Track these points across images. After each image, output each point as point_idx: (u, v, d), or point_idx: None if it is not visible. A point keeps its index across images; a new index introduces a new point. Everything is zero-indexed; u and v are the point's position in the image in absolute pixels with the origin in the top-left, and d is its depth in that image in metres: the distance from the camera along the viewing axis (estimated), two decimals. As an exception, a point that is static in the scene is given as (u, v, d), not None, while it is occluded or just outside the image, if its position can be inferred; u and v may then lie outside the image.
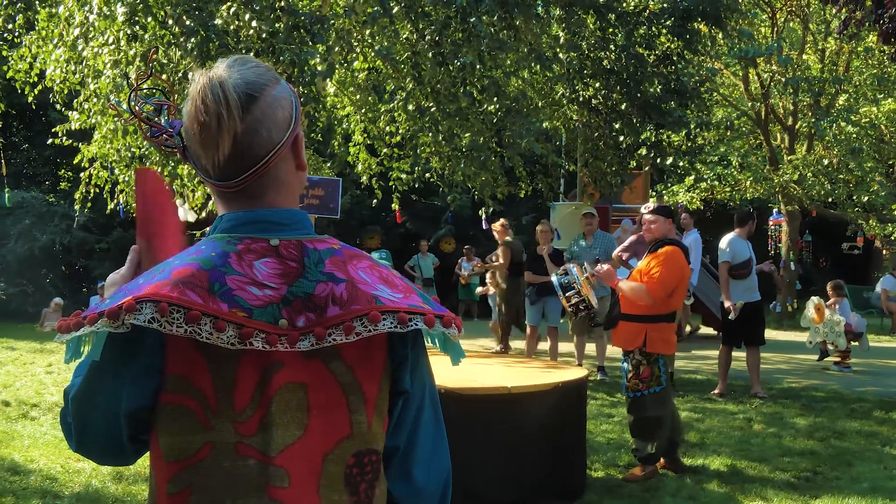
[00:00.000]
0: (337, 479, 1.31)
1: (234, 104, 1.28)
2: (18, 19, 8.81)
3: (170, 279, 1.25)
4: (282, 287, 1.29)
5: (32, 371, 9.58)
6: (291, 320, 1.27)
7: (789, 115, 17.90)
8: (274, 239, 1.32)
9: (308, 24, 6.91)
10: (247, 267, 1.28)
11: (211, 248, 1.30)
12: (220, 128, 1.28)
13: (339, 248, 1.36)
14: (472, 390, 4.81)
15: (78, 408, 1.33)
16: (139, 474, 5.30)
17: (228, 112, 1.28)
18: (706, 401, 8.38)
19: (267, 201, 1.35)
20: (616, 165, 10.52)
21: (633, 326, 5.46)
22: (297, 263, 1.31)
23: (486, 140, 9.19)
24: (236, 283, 1.27)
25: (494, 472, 4.74)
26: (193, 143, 1.32)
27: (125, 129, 7.72)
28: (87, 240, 17.34)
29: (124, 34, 6.98)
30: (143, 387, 1.27)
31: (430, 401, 1.43)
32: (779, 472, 5.79)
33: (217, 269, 1.27)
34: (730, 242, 8.72)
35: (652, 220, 5.63)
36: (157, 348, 1.25)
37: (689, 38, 9.79)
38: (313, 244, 1.34)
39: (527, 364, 6.45)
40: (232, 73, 1.31)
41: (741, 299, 8.55)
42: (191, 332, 1.22)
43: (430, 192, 15.35)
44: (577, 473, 5.26)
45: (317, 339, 1.27)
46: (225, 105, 1.28)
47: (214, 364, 1.25)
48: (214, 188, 1.35)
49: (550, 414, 5.03)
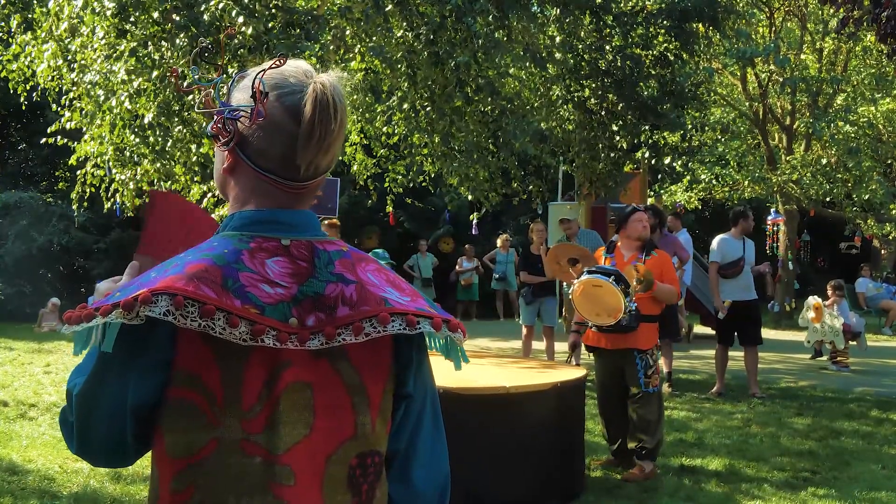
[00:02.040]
0: (340, 480, 1.32)
1: (343, 112, 1.32)
2: (15, 18, 8.79)
3: (184, 273, 1.25)
4: (292, 286, 1.29)
5: (30, 371, 9.57)
6: (301, 319, 1.28)
7: (787, 115, 17.92)
8: (285, 239, 1.33)
9: (303, 21, 6.91)
10: (259, 265, 1.29)
11: (223, 245, 1.31)
12: (328, 133, 1.31)
13: (347, 250, 1.38)
14: (471, 390, 4.81)
15: (82, 405, 1.32)
16: (137, 474, 5.29)
17: (340, 119, 1.32)
18: (704, 401, 8.39)
19: (308, 204, 1.39)
20: (611, 166, 10.53)
21: (651, 327, 5.65)
22: (307, 264, 1.32)
23: (483, 141, 9.19)
24: (249, 280, 1.27)
25: (492, 472, 4.74)
26: (283, 139, 1.32)
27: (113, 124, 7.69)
28: (86, 240, 17.30)
29: (113, 29, 6.96)
30: (150, 381, 1.27)
31: (430, 405, 1.44)
32: (776, 472, 5.80)
33: (230, 266, 1.27)
34: (719, 243, 8.80)
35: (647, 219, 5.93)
36: (168, 342, 1.25)
37: (686, 38, 9.80)
38: (323, 245, 1.35)
39: (524, 364, 6.45)
40: (332, 79, 1.34)
41: (731, 298, 8.59)
42: (205, 326, 1.22)
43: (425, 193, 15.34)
44: (575, 473, 5.26)
45: (326, 339, 1.28)
46: (341, 112, 1.32)
47: (224, 360, 1.25)
48: (272, 184, 1.35)
49: (549, 414, 5.03)
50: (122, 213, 9.48)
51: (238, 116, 1.35)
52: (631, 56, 9.52)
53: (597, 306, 5.45)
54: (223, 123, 1.36)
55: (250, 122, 1.33)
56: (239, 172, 1.37)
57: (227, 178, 1.40)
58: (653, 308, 5.66)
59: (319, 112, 1.30)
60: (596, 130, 10.13)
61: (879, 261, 21.65)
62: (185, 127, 7.40)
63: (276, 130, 1.33)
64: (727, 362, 8.82)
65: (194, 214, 1.62)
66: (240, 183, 1.38)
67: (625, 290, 5.39)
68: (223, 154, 1.38)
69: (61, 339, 12.09)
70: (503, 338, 13.30)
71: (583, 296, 5.49)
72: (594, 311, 5.48)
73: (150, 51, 6.95)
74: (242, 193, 1.38)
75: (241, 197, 1.38)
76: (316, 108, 1.30)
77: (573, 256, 6.38)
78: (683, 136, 11.53)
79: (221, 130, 1.36)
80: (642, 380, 5.54)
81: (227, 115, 1.36)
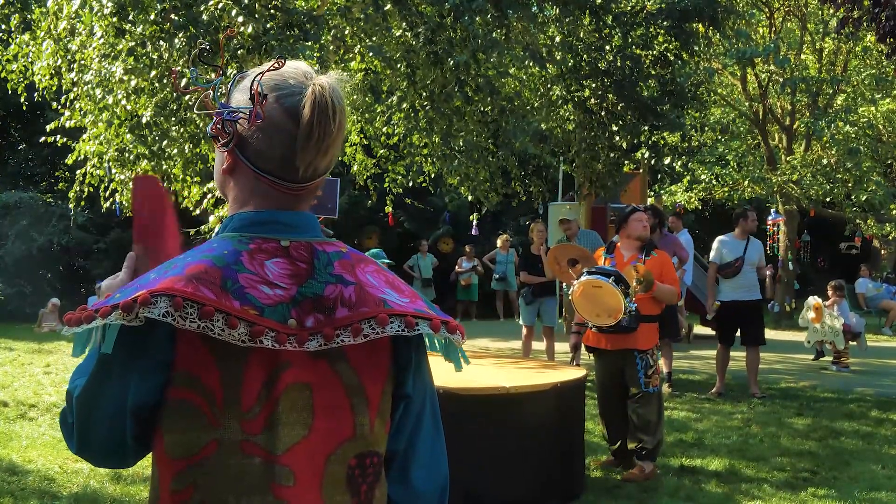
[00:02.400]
0: (339, 480, 1.32)
1: (342, 114, 1.32)
2: (14, 18, 8.79)
3: (183, 275, 1.25)
4: (292, 287, 1.30)
5: (30, 371, 9.58)
6: (300, 320, 1.28)
7: (787, 116, 17.92)
8: (284, 240, 1.33)
9: (303, 22, 6.90)
10: (258, 266, 1.29)
11: (223, 247, 1.31)
12: (327, 134, 1.31)
13: (346, 251, 1.38)
14: (471, 390, 4.81)
15: (82, 406, 1.32)
16: (137, 475, 5.29)
17: (339, 121, 1.32)
18: (704, 401, 8.39)
19: (307, 206, 1.39)
20: (611, 166, 10.53)
21: (651, 327, 5.66)
22: (306, 265, 1.32)
23: (483, 140, 9.19)
24: (248, 282, 1.27)
25: (493, 472, 4.74)
26: (282, 140, 1.33)
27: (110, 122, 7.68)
28: (86, 240, 17.31)
29: (112, 28, 6.96)
30: (150, 382, 1.27)
31: (430, 406, 1.44)
32: (776, 473, 5.80)
33: (230, 267, 1.28)
34: (717, 244, 8.87)
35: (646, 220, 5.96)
36: (168, 343, 1.25)
37: (686, 38, 9.80)
38: (322, 247, 1.35)
39: (524, 364, 6.45)
40: (331, 80, 1.34)
41: (727, 298, 8.62)
42: (203, 327, 1.22)
43: (425, 193, 15.35)
44: (575, 474, 5.26)
45: (325, 340, 1.28)
46: (340, 113, 1.32)
47: (223, 361, 1.26)
48: (271, 185, 1.35)
49: (549, 414, 5.03)
50: (121, 212, 9.48)
51: (237, 118, 1.35)
52: (631, 56, 9.53)
53: (597, 307, 5.44)
54: (222, 124, 1.36)
55: (249, 124, 1.34)
56: (238, 173, 1.37)
57: (226, 178, 1.40)
58: (652, 308, 5.66)
59: (318, 114, 1.30)
60: (596, 130, 10.13)
61: (879, 261, 21.64)
62: (183, 126, 7.40)
63: (275, 131, 1.33)
64: (728, 362, 8.81)
65: (165, 198, 1.64)
66: (239, 184, 1.38)
67: (625, 290, 5.38)
68: (223, 155, 1.38)
69: (61, 340, 12.09)
70: (503, 338, 13.30)
71: (582, 296, 5.49)
72: (594, 312, 5.47)
73: (148, 50, 6.95)
74: (241, 194, 1.38)
75: (240, 198, 1.38)
76: (315, 110, 1.30)
77: (573, 257, 6.38)
78: (683, 137, 11.53)
79: (221, 131, 1.36)
80: (642, 380, 5.54)
81: (225, 117, 1.36)
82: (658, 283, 5.57)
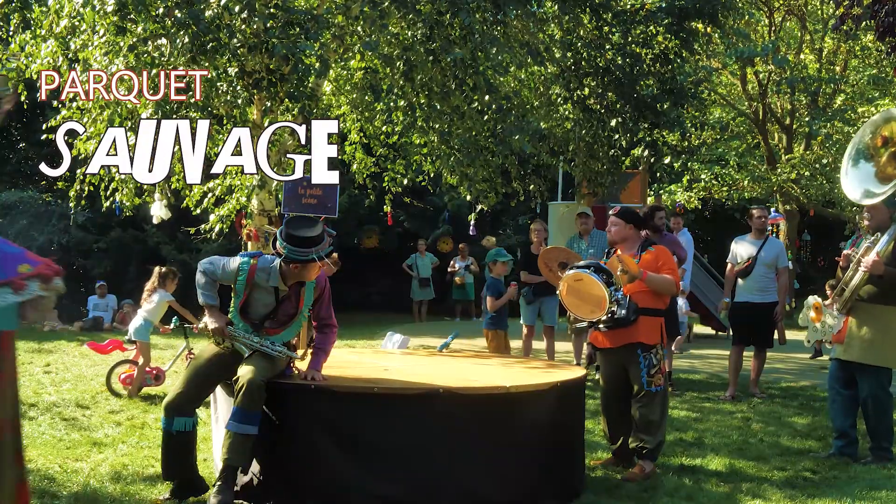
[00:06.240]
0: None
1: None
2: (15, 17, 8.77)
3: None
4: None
5: (30, 371, 9.57)
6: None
7: (787, 115, 17.92)
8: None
9: (303, 20, 6.90)
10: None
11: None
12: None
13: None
14: (471, 390, 4.80)
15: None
16: (138, 474, 5.27)
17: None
18: (704, 401, 8.38)
19: None
20: (609, 165, 10.52)
21: (654, 321, 5.56)
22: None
23: (482, 139, 9.18)
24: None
25: (493, 471, 4.72)
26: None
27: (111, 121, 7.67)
28: (85, 239, 17.30)
29: (113, 26, 6.95)
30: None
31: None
32: (777, 472, 5.79)
33: None
34: (733, 243, 8.81)
35: (613, 223, 5.82)
36: None
37: (686, 37, 9.80)
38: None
39: (524, 364, 6.44)
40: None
41: (741, 299, 8.58)
42: None
43: (425, 193, 15.33)
44: (575, 473, 5.25)
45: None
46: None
47: None
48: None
49: (549, 413, 5.02)
50: (121, 212, 9.47)
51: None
52: (630, 54, 9.53)
53: (584, 301, 5.43)
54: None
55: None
56: None
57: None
58: (652, 301, 5.55)
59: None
60: (595, 128, 10.13)
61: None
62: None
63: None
64: (741, 365, 8.71)
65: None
66: None
67: (607, 280, 5.36)
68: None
69: (61, 339, 12.09)
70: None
71: (569, 294, 5.49)
72: (587, 309, 5.46)
73: (149, 48, 6.94)
74: None
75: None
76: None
77: (563, 260, 6.38)
78: (683, 136, 11.52)
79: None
80: (645, 378, 5.52)
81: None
82: (649, 273, 5.49)
